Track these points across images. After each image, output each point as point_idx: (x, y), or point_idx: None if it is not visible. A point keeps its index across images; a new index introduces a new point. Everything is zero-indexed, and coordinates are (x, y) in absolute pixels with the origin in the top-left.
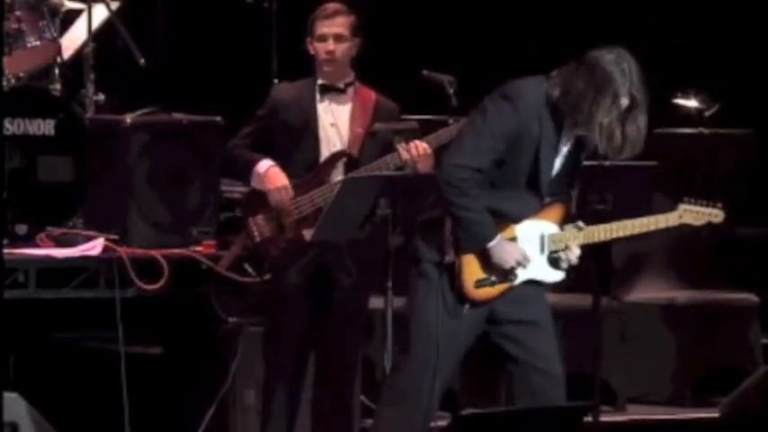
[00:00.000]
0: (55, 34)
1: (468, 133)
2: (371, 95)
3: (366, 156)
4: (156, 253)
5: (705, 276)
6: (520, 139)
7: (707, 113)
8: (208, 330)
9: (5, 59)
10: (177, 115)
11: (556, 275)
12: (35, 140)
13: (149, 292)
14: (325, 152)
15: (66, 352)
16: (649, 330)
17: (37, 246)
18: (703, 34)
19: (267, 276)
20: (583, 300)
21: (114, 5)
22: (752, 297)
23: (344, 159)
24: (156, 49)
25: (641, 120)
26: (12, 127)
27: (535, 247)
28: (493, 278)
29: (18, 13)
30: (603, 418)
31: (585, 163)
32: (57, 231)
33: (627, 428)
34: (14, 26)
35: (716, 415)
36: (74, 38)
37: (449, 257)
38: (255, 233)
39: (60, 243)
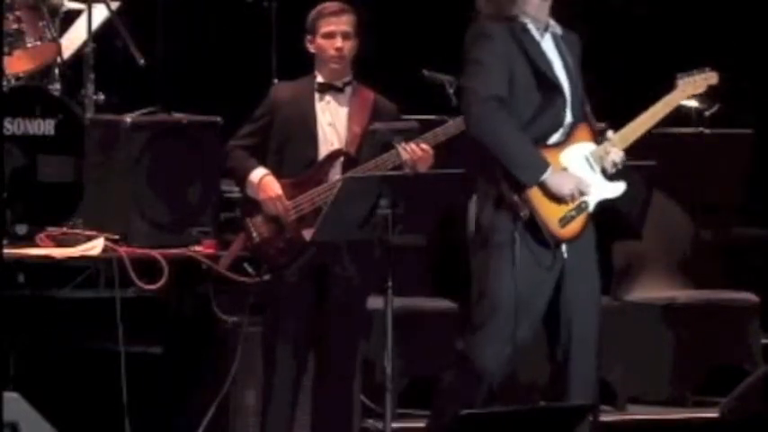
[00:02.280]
0: (55, 34)
1: (468, 77)
2: (370, 95)
3: (364, 155)
4: (155, 253)
5: (705, 276)
6: (509, 60)
7: (707, 113)
8: (208, 330)
9: (5, 59)
10: (177, 115)
11: (618, 187)
12: (35, 140)
13: (149, 292)
14: (323, 151)
15: (66, 352)
16: (649, 330)
17: (37, 246)
18: (703, 34)
19: (267, 276)
20: None
21: (114, 5)
22: (752, 297)
23: (342, 159)
24: (156, 49)
25: None
26: (12, 127)
27: (586, 169)
28: (572, 213)
29: (18, 13)
30: (603, 418)
31: None
32: (57, 231)
33: (627, 428)
34: (14, 26)
35: (716, 415)
36: (74, 38)
37: (524, 213)
38: (254, 234)
39: (60, 243)
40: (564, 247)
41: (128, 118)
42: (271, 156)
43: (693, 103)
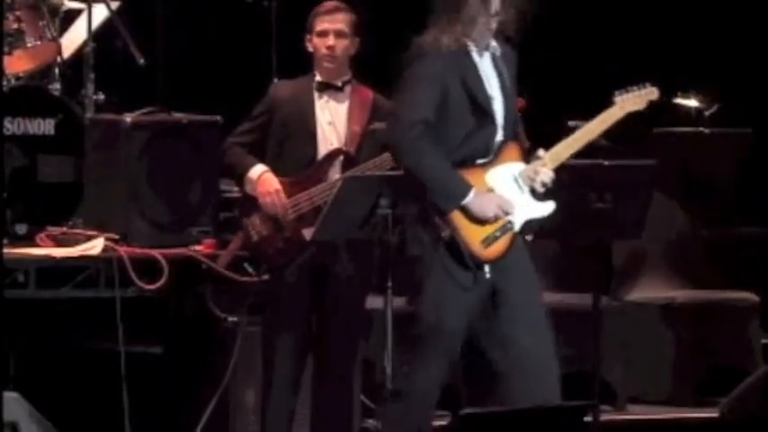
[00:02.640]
0: (55, 34)
1: (399, 102)
2: (369, 94)
3: (364, 155)
4: (155, 252)
5: (705, 276)
6: (444, 81)
7: (707, 113)
8: (207, 330)
9: (5, 59)
10: (177, 115)
11: (547, 206)
12: (35, 140)
13: (149, 292)
14: (322, 150)
15: (66, 352)
16: (649, 330)
17: (37, 245)
18: (703, 34)
19: (266, 276)
20: (583, 300)
21: (114, 5)
22: (752, 297)
23: (341, 158)
24: (156, 49)
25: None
26: (12, 127)
27: (514, 189)
28: (496, 233)
29: (18, 13)
30: (603, 418)
31: (585, 162)
32: (57, 231)
33: (627, 428)
34: (14, 26)
35: (716, 415)
36: (74, 38)
37: (444, 233)
38: (252, 233)
39: (60, 243)
40: (487, 268)
41: (128, 118)
42: (269, 154)
43: (693, 103)
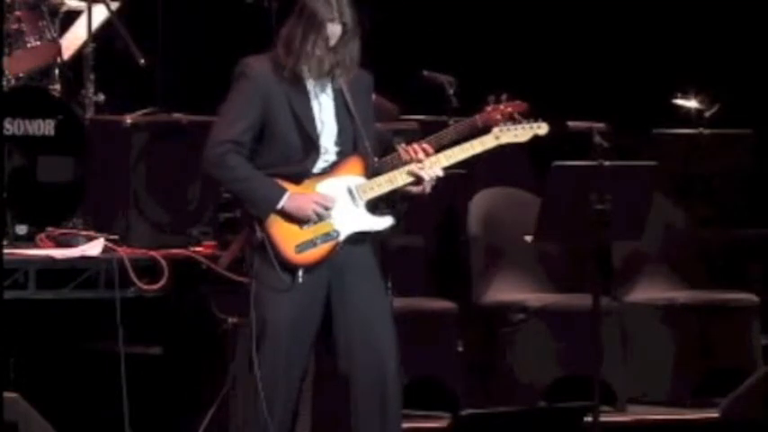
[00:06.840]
0: (55, 34)
1: (217, 117)
2: None
3: None
4: (156, 253)
5: (705, 276)
6: (266, 102)
7: (707, 113)
8: (208, 330)
9: (5, 59)
10: (177, 115)
11: (383, 222)
12: (35, 140)
13: (149, 292)
14: None
15: (67, 352)
16: (649, 330)
17: (37, 246)
18: (703, 34)
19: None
20: (583, 300)
21: (114, 5)
22: (752, 297)
23: None
24: (156, 49)
25: (354, 45)
26: (12, 127)
27: (346, 199)
28: (316, 239)
29: (18, 13)
30: (603, 418)
31: (584, 163)
32: (57, 231)
33: (627, 428)
34: (14, 26)
35: (716, 415)
36: (74, 38)
37: (259, 236)
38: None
39: (60, 243)
40: (300, 272)
41: (128, 118)
42: None
43: (693, 104)
